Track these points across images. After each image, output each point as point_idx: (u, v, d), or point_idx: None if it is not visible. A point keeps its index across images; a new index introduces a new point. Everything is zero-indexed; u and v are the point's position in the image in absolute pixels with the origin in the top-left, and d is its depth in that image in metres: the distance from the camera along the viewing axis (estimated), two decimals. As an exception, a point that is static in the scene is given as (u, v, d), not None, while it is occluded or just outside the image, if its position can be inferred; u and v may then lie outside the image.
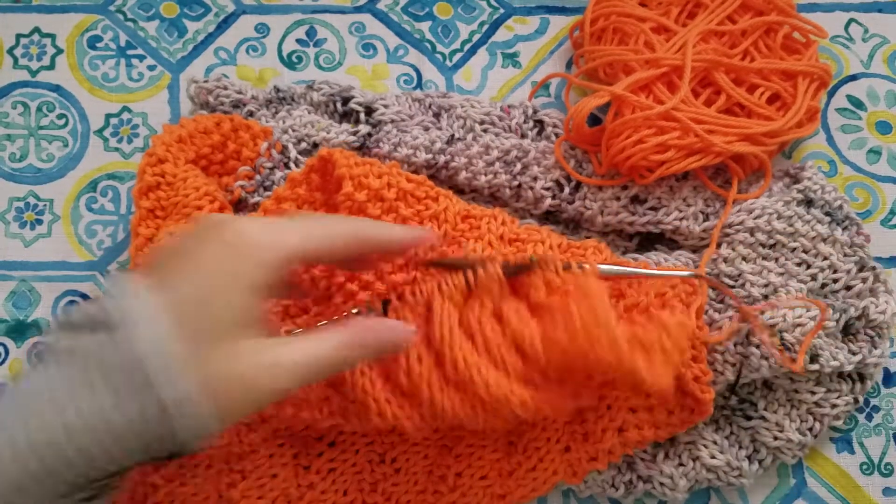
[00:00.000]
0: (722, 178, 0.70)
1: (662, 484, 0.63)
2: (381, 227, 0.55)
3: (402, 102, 0.72)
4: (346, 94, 0.71)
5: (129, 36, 0.77)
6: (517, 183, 0.68)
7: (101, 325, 0.42)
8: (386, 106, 0.70)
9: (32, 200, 0.71)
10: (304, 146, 0.68)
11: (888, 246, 0.73)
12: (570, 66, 0.78)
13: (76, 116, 0.74)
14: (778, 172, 0.71)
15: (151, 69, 0.76)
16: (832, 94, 0.78)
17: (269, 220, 0.49)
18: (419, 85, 0.77)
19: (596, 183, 0.68)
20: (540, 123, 0.72)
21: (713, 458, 0.63)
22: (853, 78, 0.79)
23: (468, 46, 0.78)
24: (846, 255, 0.66)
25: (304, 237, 0.47)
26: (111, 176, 0.73)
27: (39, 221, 0.71)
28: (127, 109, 0.75)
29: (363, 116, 0.70)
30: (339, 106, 0.71)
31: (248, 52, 0.77)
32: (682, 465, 0.63)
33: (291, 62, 0.77)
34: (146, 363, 0.40)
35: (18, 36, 0.76)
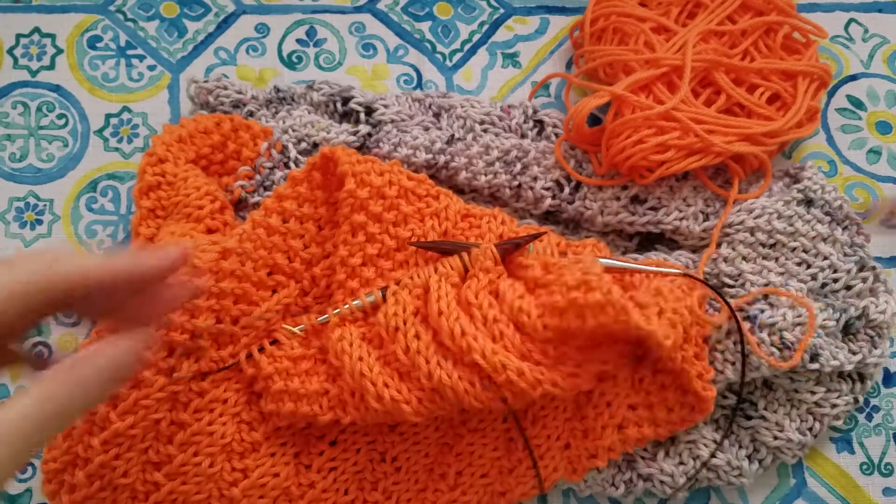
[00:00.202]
0: (722, 178, 0.70)
1: (663, 482, 0.63)
2: (120, 259, 0.44)
3: (402, 102, 0.72)
4: (346, 94, 0.71)
5: (129, 36, 0.77)
6: (517, 183, 0.68)
7: None
8: (386, 106, 0.70)
9: (32, 200, 0.71)
10: (304, 146, 0.68)
11: (888, 246, 0.73)
12: (570, 66, 0.78)
13: (76, 116, 0.74)
14: (778, 172, 0.71)
15: (151, 69, 0.76)
16: (832, 94, 0.78)
17: None
18: (419, 85, 0.77)
19: (596, 183, 0.68)
20: (540, 123, 0.72)
21: (713, 456, 0.63)
22: (853, 78, 0.79)
23: (468, 46, 0.78)
24: (846, 254, 0.66)
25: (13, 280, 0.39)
26: (111, 176, 0.73)
27: (39, 221, 0.71)
28: (127, 109, 0.75)
29: (363, 116, 0.70)
30: (339, 106, 0.71)
31: (248, 52, 0.77)
32: (682, 463, 0.63)
33: (291, 62, 0.77)
34: None
35: (18, 36, 0.76)
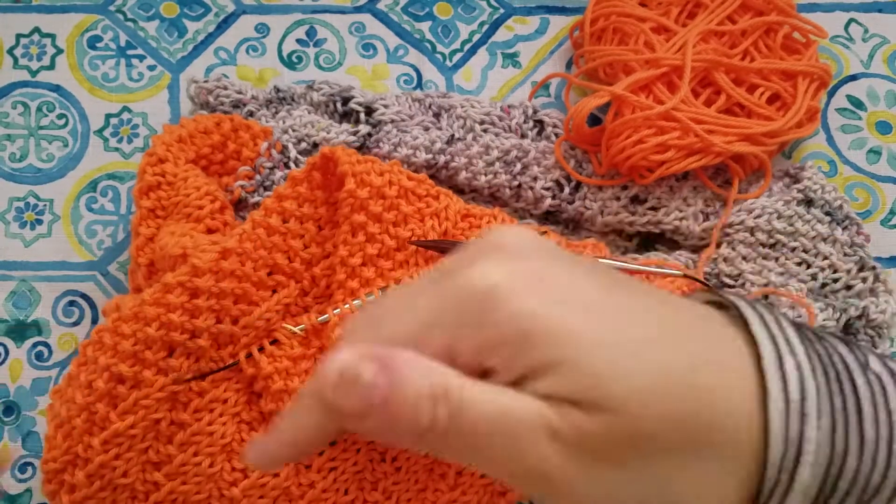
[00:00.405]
0: (722, 178, 0.70)
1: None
2: None
3: (402, 102, 0.72)
4: (346, 94, 0.71)
5: (129, 36, 0.77)
6: (517, 183, 0.68)
7: None
8: (386, 106, 0.70)
9: (32, 200, 0.71)
10: (304, 146, 0.68)
11: (888, 246, 0.73)
12: (570, 66, 0.78)
13: (76, 116, 0.74)
14: (778, 172, 0.71)
15: (151, 69, 0.76)
16: (832, 94, 0.78)
17: None
18: (419, 85, 0.77)
19: (596, 183, 0.68)
20: (540, 123, 0.72)
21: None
22: (853, 78, 0.79)
23: (468, 46, 0.78)
24: (846, 254, 0.66)
25: None
26: (111, 176, 0.73)
27: (39, 221, 0.71)
28: (127, 109, 0.75)
29: (363, 116, 0.70)
30: (339, 106, 0.71)
31: (248, 52, 0.77)
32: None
33: (291, 62, 0.77)
34: None
35: (18, 36, 0.76)
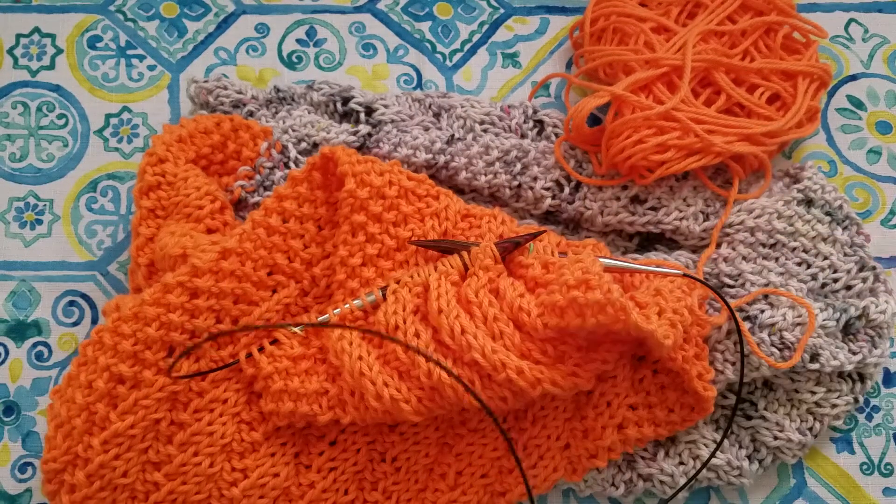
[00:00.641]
0: (722, 178, 0.70)
1: (663, 482, 0.63)
2: None
3: (402, 102, 0.72)
4: (346, 94, 0.71)
5: (129, 36, 0.77)
6: (517, 183, 0.68)
7: None
8: (386, 106, 0.70)
9: (32, 200, 0.71)
10: (304, 146, 0.68)
11: (888, 246, 0.73)
12: (570, 66, 0.78)
13: (76, 116, 0.74)
14: (778, 172, 0.71)
15: (151, 69, 0.76)
16: (832, 94, 0.78)
17: None
18: (419, 85, 0.77)
19: (596, 183, 0.68)
20: (540, 123, 0.72)
21: (713, 457, 0.63)
22: (853, 78, 0.79)
23: (468, 46, 0.78)
24: (846, 254, 0.66)
25: None
26: (111, 176, 0.73)
27: (39, 221, 0.71)
28: (127, 109, 0.75)
29: (363, 116, 0.70)
30: (339, 106, 0.71)
31: (248, 52, 0.77)
32: (682, 463, 0.63)
33: (291, 62, 0.77)
34: None
35: (18, 36, 0.76)
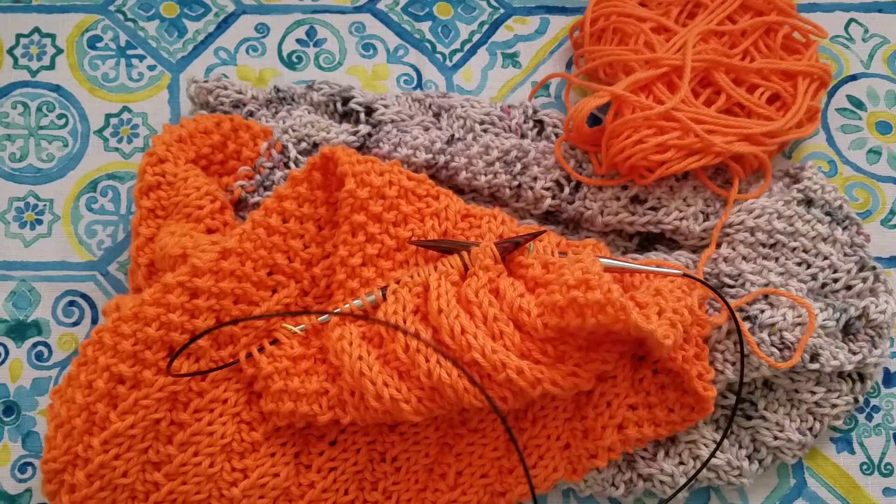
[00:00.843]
0: (722, 178, 0.70)
1: (663, 482, 0.63)
2: None
3: (402, 102, 0.72)
4: (346, 94, 0.71)
5: (129, 36, 0.77)
6: (517, 183, 0.68)
7: None
8: (386, 106, 0.70)
9: (32, 200, 0.71)
10: (304, 146, 0.68)
11: (888, 246, 0.73)
12: (570, 66, 0.78)
13: (76, 116, 0.74)
14: (778, 172, 0.71)
15: (151, 69, 0.76)
16: (832, 94, 0.78)
17: None
18: (419, 85, 0.77)
19: (596, 183, 0.68)
20: (540, 123, 0.72)
21: (714, 456, 0.63)
22: (853, 78, 0.79)
23: (468, 46, 0.78)
24: (846, 254, 0.66)
25: None
26: (111, 176, 0.73)
27: (39, 221, 0.71)
28: (127, 109, 0.75)
29: (363, 116, 0.70)
30: (339, 106, 0.71)
31: (248, 52, 0.77)
32: (682, 463, 0.63)
33: (291, 62, 0.77)
34: None
35: (18, 36, 0.76)
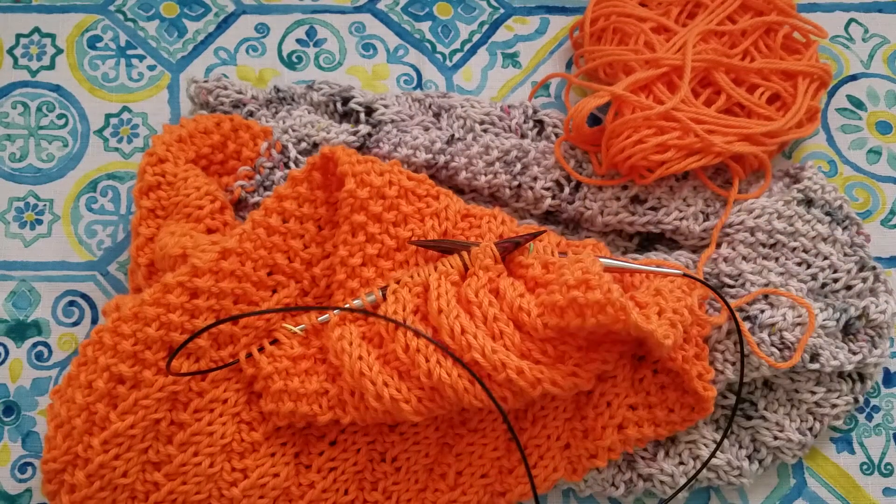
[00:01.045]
0: (722, 178, 0.70)
1: (663, 482, 0.63)
2: None
3: (402, 102, 0.72)
4: (346, 94, 0.71)
5: (129, 36, 0.77)
6: (517, 183, 0.68)
7: None
8: (386, 106, 0.70)
9: (32, 200, 0.71)
10: (304, 146, 0.68)
11: (888, 246, 0.73)
12: (570, 66, 0.78)
13: (76, 116, 0.74)
14: (778, 172, 0.71)
15: (151, 69, 0.76)
16: (832, 94, 0.78)
17: None
18: (419, 85, 0.77)
19: (596, 183, 0.68)
20: (540, 123, 0.72)
21: (714, 456, 0.63)
22: (853, 78, 0.79)
23: (468, 46, 0.78)
24: (846, 254, 0.66)
25: None
26: (111, 176, 0.73)
27: (39, 221, 0.71)
28: (127, 109, 0.75)
29: (363, 116, 0.70)
30: (339, 106, 0.71)
31: (248, 52, 0.77)
32: (682, 463, 0.63)
33: (291, 62, 0.77)
34: None
35: (18, 36, 0.76)
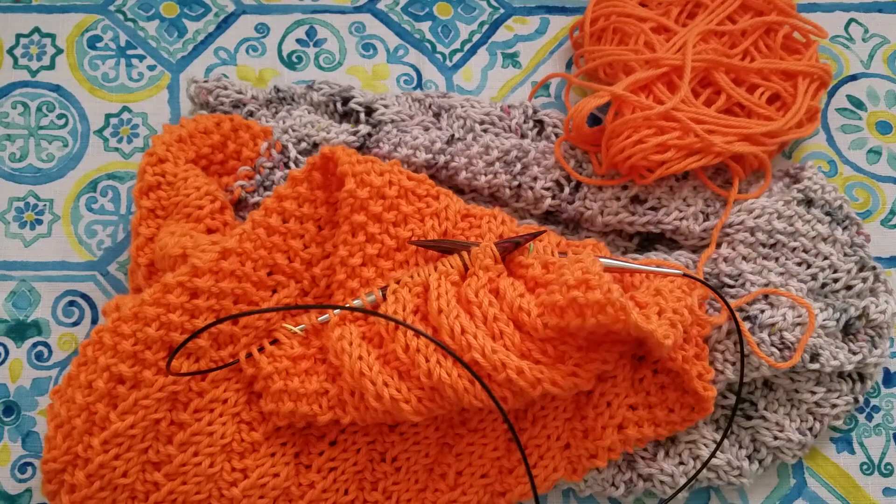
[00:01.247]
0: (722, 178, 0.70)
1: (663, 482, 0.63)
2: None
3: (402, 102, 0.72)
4: (346, 94, 0.71)
5: (129, 36, 0.77)
6: (517, 183, 0.68)
7: None
8: (386, 106, 0.70)
9: (32, 200, 0.71)
10: (304, 146, 0.68)
11: (888, 246, 0.73)
12: (570, 66, 0.78)
13: (76, 116, 0.74)
14: (778, 172, 0.71)
15: (151, 69, 0.76)
16: (832, 94, 0.78)
17: None
18: (419, 85, 0.77)
19: (596, 183, 0.68)
20: (540, 123, 0.72)
21: (714, 456, 0.63)
22: (853, 78, 0.79)
23: (468, 46, 0.78)
24: (846, 254, 0.66)
25: None
26: (111, 176, 0.73)
27: (39, 221, 0.71)
28: (127, 109, 0.75)
29: (363, 116, 0.70)
30: (339, 106, 0.71)
31: (248, 52, 0.77)
32: (682, 463, 0.63)
33: (291, 62, 0.77)
34: None
35: (18, 36, 0.76)
